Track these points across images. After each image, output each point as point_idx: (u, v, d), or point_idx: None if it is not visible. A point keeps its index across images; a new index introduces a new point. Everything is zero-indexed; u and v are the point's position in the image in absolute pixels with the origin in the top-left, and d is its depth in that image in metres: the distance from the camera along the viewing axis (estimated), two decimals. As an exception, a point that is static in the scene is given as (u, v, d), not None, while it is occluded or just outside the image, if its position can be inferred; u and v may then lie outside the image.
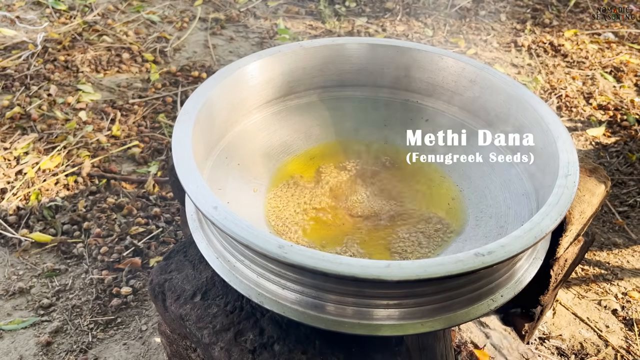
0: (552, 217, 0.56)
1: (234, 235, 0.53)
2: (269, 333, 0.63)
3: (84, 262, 1.15)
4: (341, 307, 0.57)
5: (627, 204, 1.38)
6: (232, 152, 0.79)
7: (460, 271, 0.50)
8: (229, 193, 0.74)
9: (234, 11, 2.19)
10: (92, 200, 1.29)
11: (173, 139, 0.65)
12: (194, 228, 0.69)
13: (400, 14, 2.21)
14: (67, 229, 1.22)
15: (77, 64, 1.77)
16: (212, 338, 0.63)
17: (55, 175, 1.35)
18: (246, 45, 1.99)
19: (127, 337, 1.02)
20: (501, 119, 0.79)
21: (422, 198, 0.80)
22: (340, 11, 2.22)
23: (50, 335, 1.01)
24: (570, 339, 1.04)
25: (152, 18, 2.09)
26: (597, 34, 2.12)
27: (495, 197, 0.76)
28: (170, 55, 1.89)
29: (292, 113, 0.89)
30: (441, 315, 0.58)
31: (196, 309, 0.66)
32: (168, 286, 0.69)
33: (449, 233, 0.74)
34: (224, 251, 0.63)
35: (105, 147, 1.46)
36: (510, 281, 0.63)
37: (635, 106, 1.72)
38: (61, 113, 1.55)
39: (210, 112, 0.73)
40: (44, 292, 1.09)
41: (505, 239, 0.53)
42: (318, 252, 0.51)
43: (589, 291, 1.14)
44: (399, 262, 0.50)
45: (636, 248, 1.25)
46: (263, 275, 0.59)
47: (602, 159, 1.52)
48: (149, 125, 1.55)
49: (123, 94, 1.67)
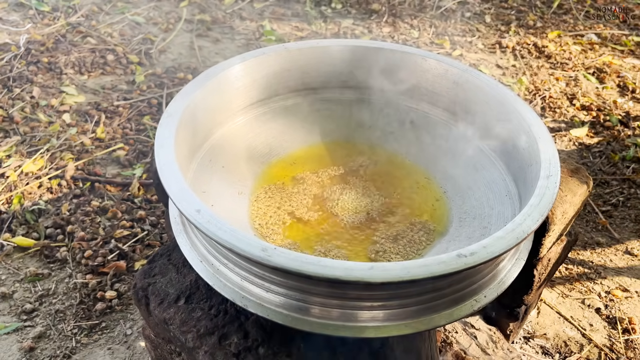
0: (534, 217, 0.57)
1: (217, 238, 0.53)
2: (254, 336, 0.62)
3: (68, 266, 1.14)
4: (325, 310, 0.57)
5: (610, 204, 1.39)
6: (216, 155, 0.79)
7: (443, 272, 0.50)
8: (213, 196, 0.74)
9: (220, 13, 2.18)
10: (76, 204, 1.27)
11: (156, 141, 0.65)
12: (177, 231, 0.68)
13: (386, 16, 2.22)
14: (51, 233, 1.20)
15: (60, 66, 1.75)
16: (196, 342, 0.63)
17: (38, 178, 1.34)
18: (232, 47, 1.98)
19: (111, 342, 1.01)
20: (484, 120, 0.80)
21: (407, 200, 0.80)
22: (326, 13, 2.23)
23: (34, 341, 1.00)
24: (555, 337, 1.05)
25: (137, 19, 2.07)
26: (580, 36, 2.15)
27: (479, 197, 0.76)
28: (155, 57, 1.87)
29: (276, 115, 0.88)
30: (425, 316, 0.58)
31: (180, 313, 0.65)
32: (152, 290, 0.69)
33: (432, 234, 0.74)
34: (208, 254, 0.63)
35: (90, 149, 1.44)
36: (493, 281, 0.64)
37: (618, 107, 1.74)
38: (44, 115, 1.53)
39: (193, 114, 0.73)
40: (27, 297, 1.08)
41: (488, 240, 0.54)
42: (301, 254, 0.51)
43: (573, 290, 1.15)
44: (383, 264, 0.51)
45: (619, 247, 1.27)
46: (247, 278, 0.59)
47: (585, 159, 1.54)
48: (134, 127, 1.54)
49: (108, 96, 1.66)
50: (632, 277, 1.19)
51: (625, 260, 1.23)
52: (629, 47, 2.08)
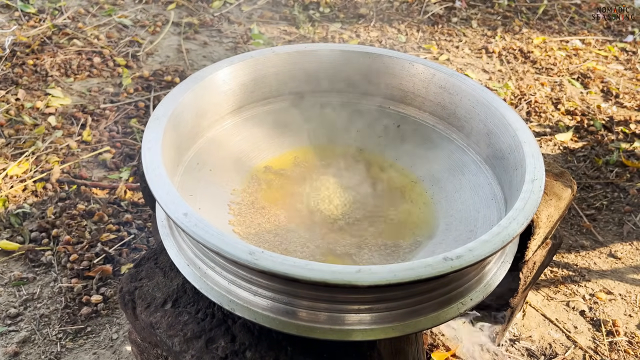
0: (519, 221, 0.58)
1: (205, 242, 0.53)
2: (241, 340, 0.62)
3: (53, 270, 1.13)
4: (313, 313, 0.57)
5: (594, 207, 1.41)
6: (204, 158, 0.79)
7: (429, 275, 0.51)
8: (200, 199, 0.74)
9: (208, 16, 2.18)
10: (61, 207, 1.26)
11: (143, 145, 0.65)
12: (164, 235, 0.68)
13: (374, 20, 2.23)
14: (35, 237, 1.19)
15: (46, 68, 1.74)
16: (183, 346, 0.62)
17: (23, 181, 1.32)
18: (220, 50, 1.98)
19: (97, 347, 1.00)
20: (471, 124, 0.81)
21: (394, 203, 0.81)
22: (314, 17, 2.23)
23: (18, 346, 0.99)
24: (540, 340, 1.06)
25: (124, 22, 2.06)
26: (565, 41, 2.18)
27: (465, 201, 0.77)
28: (142, 60, 1.87)
29: (264, 119, 0.89)
30: (412, 319, 0.59)
31: (167, 317, 0.65)
32: (138, 294, 0.68)
33: (419, 237, 0.75)
34: (195, 258, 0.63)
35: (76, 152, 1.43)
36: (479, 284, 0.64)
37: (602, 112, 1.76)
38: (29, 118, 1.52)
39: (181, 118, 0.73)
40: (11, 301, 1.07)
41: (474, 243, 0.54)
42: (289, 258, 0.51)
43: (558, 293, 1.16)
44: (370, 267, 0.51)
45: (603, 250, 1.28)
46: (234, 282, 0.59)
47: (569, 163, 1.55)
48: (120, 130, 1.53)
49: (94, 98, 1.65)
50: (616, 279, 1.21)
51: (609, 263, 1.25)
52: (612, 53, 2.12)
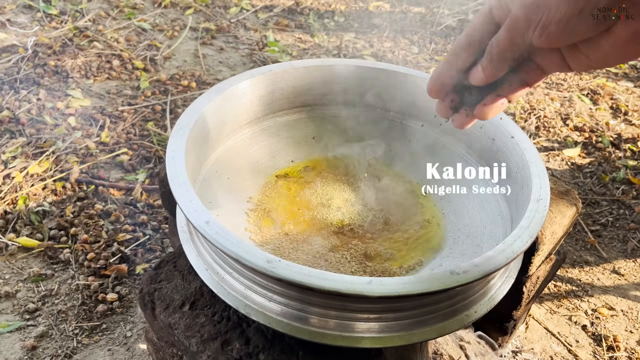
0: (523, 239, 0.60)
1: (225, 249, 0.56)
2: (255, 343, 0.65)
3: (71, 267, 1.17)
4: (324, 320, 0.60)
5: (599, 223, 1.43)
6: (223, 167, 0.82)
7: (436, 289, 0.54)
8: (218, 206, 0.77)
9: (225, 22, 2.22)
10: (79, 206, 1.30)
11: (167, 154, 0.68)
12: (184, 240, 0.71)
13: (388, 31, 2.27)
14: (54, 234, 1.23)
15: (67, 69, 1.78)
16: (199, 346, 0.65)
17: (43, 180, 1.36)
18: (236, 56, 2.02)
19: (111, 343, 1.04)
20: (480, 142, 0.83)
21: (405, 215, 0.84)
22: (329, 25, 2.27)
23: (36, 340, 1.02)
24: (542, 352, 1.08)
25: (143, 26, 2.11)
26: (576, 57, 2.20)
27: (472, 216, 0.80)
28: (160, 64, 1.91)
29: (281, 129, 0.92)
30: (418, 329, 0.62)
31: (185, 318, 0.68)
32: (158, 295, 0.72)
33: (428, 250, 0.77)
34: (213, 263, 0.66)
35: (94, 153, 1.47)
36: (484, 298, 0.67)
37: (610, 128, 1.78)
38: (50, 118, 1.56)
39: (203, 127, 0.76)
40: (30, 296, 1.11)
41: (479, 259, 0.57)
42: (305, 267, 0.54)
43: (561, 307, 1.19)
44: (381, 279, 0.54)
45: (606, 266, 1.30)
46: (250, 287, 0.62)
47: (576, 179, 1.58)
48: (137, 132, 1.57)
49: (113, 100, 1.69)
50: (618, 296, 1.23)
51: (612, 279, 1.27)
52: (622, 70, 2.13)
